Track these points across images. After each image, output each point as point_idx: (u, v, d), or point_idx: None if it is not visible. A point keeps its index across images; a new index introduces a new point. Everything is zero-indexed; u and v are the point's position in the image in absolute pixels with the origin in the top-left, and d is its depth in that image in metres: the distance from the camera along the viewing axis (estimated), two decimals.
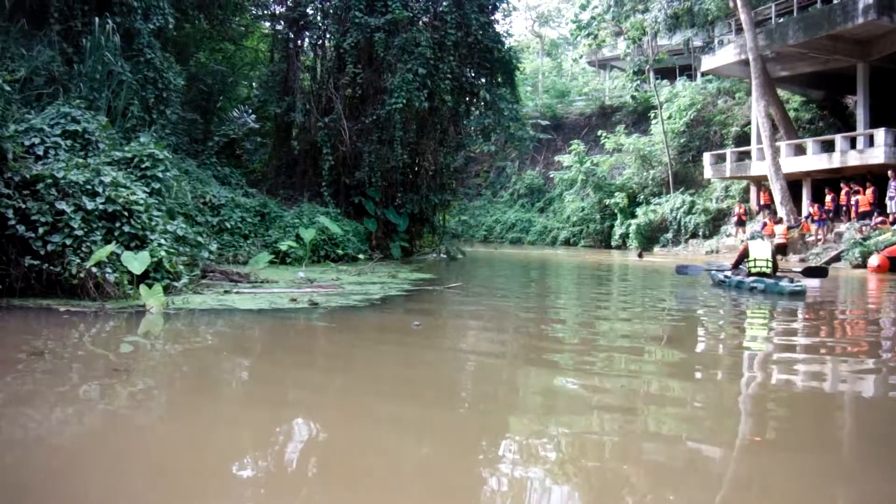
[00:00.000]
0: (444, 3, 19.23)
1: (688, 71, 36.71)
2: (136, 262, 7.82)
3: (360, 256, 16.45)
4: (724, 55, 28.54)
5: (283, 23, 19.45)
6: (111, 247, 7.77)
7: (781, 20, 26.31)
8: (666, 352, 6.65)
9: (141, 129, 14.01)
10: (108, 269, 7.87)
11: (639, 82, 34.15)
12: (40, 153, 9.25)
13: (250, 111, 22.37)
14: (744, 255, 12.29)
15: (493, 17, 20.81)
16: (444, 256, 21.44)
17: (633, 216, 31.80)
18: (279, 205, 17.79)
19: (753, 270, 11.91)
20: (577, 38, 36.85)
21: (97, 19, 12.49)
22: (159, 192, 9.95)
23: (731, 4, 27.17)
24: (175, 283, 8.57)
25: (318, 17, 19.42)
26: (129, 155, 9.96)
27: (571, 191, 36.05)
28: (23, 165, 8.22)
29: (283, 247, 14.34)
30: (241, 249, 14.93)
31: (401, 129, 18.35)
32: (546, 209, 40.66)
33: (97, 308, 7.35)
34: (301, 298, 8.74)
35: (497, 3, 20.70)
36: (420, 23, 18.93)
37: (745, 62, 25.43)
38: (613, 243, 32.94)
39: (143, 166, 9.90)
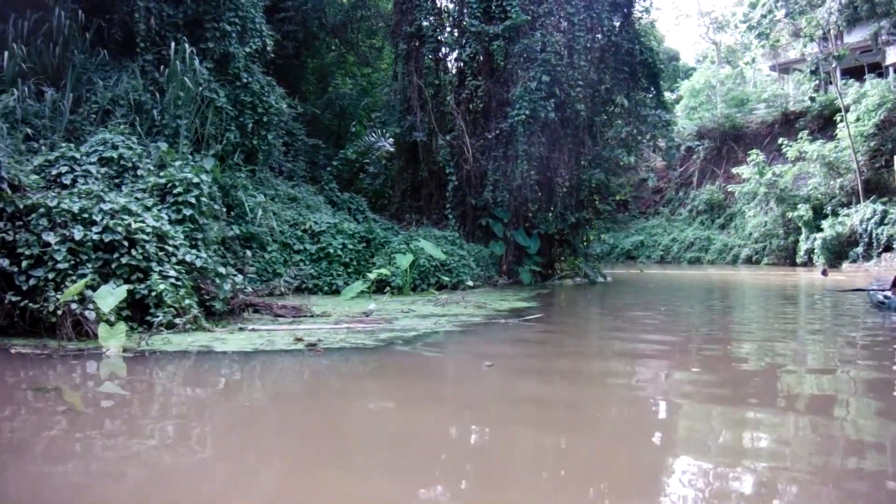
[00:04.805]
0: (571, 4, 17.44)
1: (878, 69, 31.87)
2: (112, 297, 6.98)
3: (470, 283, 15.00)
4: None
5: (403, 40, 18.58)
6: (85, 281, 6.98)
7: None
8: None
9: (233, 154, 13.69)
10: (90, 306, 7.09)
11: (817, 82, 29.91)
12: (67, 182, 8.83)
13: (388, 134, 21.85)
14: None
15: (630, 16, 18.70)
16: (586, 280, 19.48)
17: (819, 230, 27.83)
18: (396, 229, 16.83)
19: None
20: (749, 39, 33.10)
21: (173, 45, 12.15)
22: (192, 218, 9.19)
23: None
24: (177, 321, 7.67)
25: (436, 30, 18.35)
26: (162, 181, 9.31)
27: (752, 204, 32.38)
28: (21, 196, 7.72)
29: (371, 275, 13.22)
30: (340, 278, 14.09)
31: (525, 142, 16.73)
32: (727, 225, 36.90)
33: (53, 350, 6.56)
34: (310, 337, 7.49)
35: (633, 1, 18.55)
36: (544, 27, 17.27)
37: None
38: (798, 260, 29.07)
39: (175, 192, 9.20)
